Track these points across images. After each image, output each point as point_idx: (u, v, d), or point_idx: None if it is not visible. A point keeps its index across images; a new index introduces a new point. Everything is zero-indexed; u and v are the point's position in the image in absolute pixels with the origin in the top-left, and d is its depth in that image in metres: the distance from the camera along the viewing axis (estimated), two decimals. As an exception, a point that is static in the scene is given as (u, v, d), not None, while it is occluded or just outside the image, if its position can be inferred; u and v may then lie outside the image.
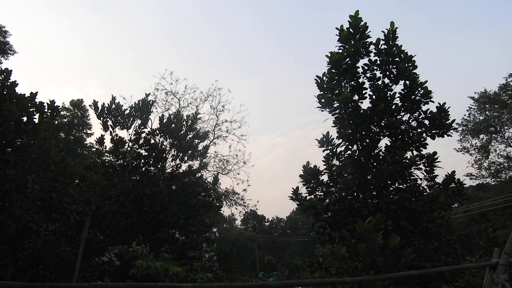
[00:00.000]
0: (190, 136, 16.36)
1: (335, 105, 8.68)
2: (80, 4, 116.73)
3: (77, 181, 10.45)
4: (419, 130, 8.53)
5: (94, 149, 35.10)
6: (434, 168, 8.14)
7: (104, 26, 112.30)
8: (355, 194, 8.30)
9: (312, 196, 8.78)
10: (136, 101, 15.53)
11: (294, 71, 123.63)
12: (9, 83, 7.42)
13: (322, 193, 8.78)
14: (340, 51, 8.90)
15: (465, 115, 34.71)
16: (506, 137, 33.45)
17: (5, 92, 7.25)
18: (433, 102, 8.47)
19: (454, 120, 8.36)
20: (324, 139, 8.93)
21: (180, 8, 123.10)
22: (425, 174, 8.23)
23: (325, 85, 8.81)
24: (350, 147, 8.64)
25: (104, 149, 15.43)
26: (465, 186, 8.27)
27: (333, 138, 8.90)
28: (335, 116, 8.76)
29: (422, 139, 8.25)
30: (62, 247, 11.63)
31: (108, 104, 14.76)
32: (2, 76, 7.38)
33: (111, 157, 15.46)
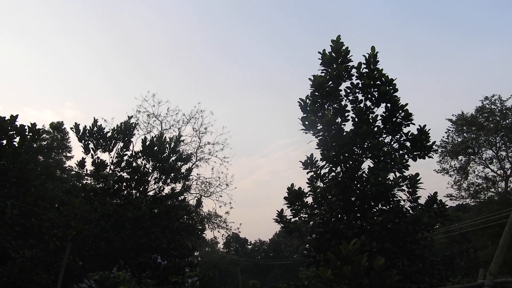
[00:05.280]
0: (173, 158, 16.27)
1: (318, 127, 8.79)
2: (54, 27, 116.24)
3: (56, 205, 10.20)
4: (401, 152, 8.66)
5: (73, 172, 34.48)
6: (417, 189, 8.24)
7: (80, 48, 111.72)
8: (339, 215, 8.32)
9: (297, 218, 8.77)
10: (118, 123, 15.45)
11: (272, 94, 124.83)
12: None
13: (306, 215, 8.77)
14: (323, 74, 9.06)
15: (443, 136, 35.45)
16: (483, 159, 34.16)
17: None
18: (414, 124, 8.66)
19: (434, 142, 8.54)
20: (308, 161, 8.98)
21: (160, 31, 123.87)
22: (408, 195, 8.32)
23: (308, 108, 8.92)
24: (334, 169, 8.70)
25: (85, 172, 15.17)
26: (446, 207, 8.37)
27: (317, 160, 8.96)
28: (318, 138, 8.85)
29: (404, 160, 8.37)
30: (40, 274, 11.26)
31: (89, 127, 14.62)
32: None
33: (91, 181, 15.22)
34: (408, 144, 8.69)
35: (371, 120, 8.75)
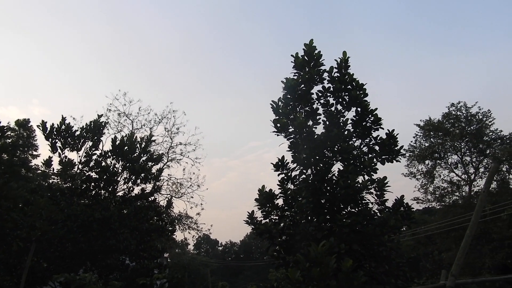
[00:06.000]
0: (143, 158, 16.04)
1: (290, 130, 8.85)
2: (19, 22, 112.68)
3: (20, 205, 9.88)
4: (370, 155, 8.83)
5: (39, 171, 33.43)
6: (385, 192, 8.41)
7: (48, 45, 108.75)
8: (309, 218, 8.40)
9: (267, 220, 8.80)
10: (87, 122, 15.11)
11: (246, 96, 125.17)
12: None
13: (277, 217, 8.81)
14: (295, 77, 9.14)
15: (411, 141, 36.38)
16: (449, 163, 35.27)
17: None
18: (383, 128, 8.84)
19: (402, 146, 8.74)
20: (280, 163, 9.04)
21: (130, 28, 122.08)
22: (376, 198, 8.48)
23: (280, 110, 8.98)
24: (304, 171, 8.77)
25: (51, 172, 14.75)
26: (413, 210, 8.58)
27: (288, 163, 9.03)
28: (290, 140, 8.92)
29: (373, 164, 8.52)
30: (2, 276, 10.88)
31: (57, 125, 14.24)
32: None
33: (58, 180, 14.83)
34: (377, 148, 8.86)
35: (341, 124, 8.88)
